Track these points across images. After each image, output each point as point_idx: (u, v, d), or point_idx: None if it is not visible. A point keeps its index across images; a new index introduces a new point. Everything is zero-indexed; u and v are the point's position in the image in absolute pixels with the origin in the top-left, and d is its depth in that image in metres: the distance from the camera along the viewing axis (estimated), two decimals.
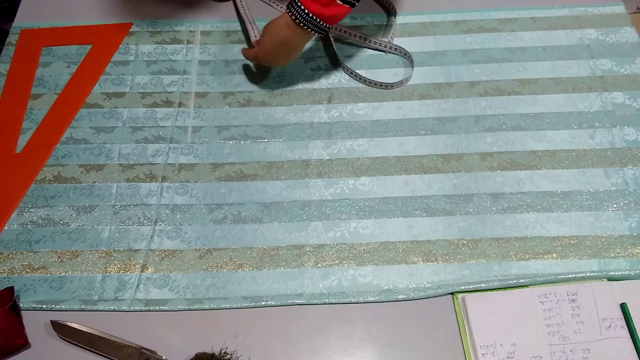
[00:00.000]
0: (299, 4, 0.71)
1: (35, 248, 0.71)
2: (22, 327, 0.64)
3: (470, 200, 0.74)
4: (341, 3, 0.71)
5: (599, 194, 0.74)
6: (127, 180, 0.76)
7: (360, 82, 0.85)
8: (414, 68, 0.86)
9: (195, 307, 0.66)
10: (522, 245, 0.70)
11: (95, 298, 0.67)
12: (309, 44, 0.89)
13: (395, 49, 0.87)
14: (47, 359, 0.63)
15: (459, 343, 0.64)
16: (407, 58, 0.87)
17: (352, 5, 0.73)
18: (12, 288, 0.66)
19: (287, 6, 0.74)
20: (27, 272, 0.69)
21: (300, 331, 0.65)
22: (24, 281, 0.68)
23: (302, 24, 0.73)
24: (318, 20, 0.72)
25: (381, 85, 0.84)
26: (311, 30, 0.74)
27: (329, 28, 0.74)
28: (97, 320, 0.65)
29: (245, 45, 0.90)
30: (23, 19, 0.93)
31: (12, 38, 0.90)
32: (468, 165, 0.76)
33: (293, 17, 0.73)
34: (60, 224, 0.73)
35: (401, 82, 0.84)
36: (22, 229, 0.72)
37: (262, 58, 0.80)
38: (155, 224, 0.72)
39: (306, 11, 0.71)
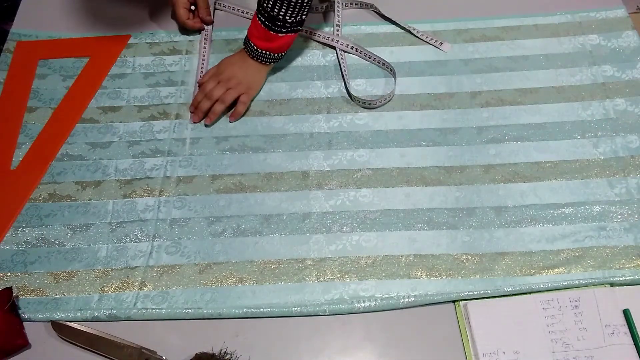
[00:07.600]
0: (250, 42, 0.79)
1: (30, 269, 0.69)
2: (22, 327, 0.64)
3: (473, 213, 0.72)
4: (284, 34, 0.77)
5: (602, 204, 0.73)
6: (124, 196, 0.75)
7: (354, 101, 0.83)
8: (417, 77, 0.85)
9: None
10: (527, 260, 0.69)
11: (90, 319, 0.66)
12: (308, 53, 0.88)
13: (381, 63, 0.86)
14: (47, 359, 0.63)
15: (460, 350, 0.63)
16: (390, 71, 0.85)
17: (296, 31, 0.79)
18: (10, 288, 0.65)
19: (244, 43, 0.81)
20: (22, 294, 0.67)
21: (300, 331, 0.65)
22: (18, 304, 0.66)
23: (256, 59, 0.80)
24: (268, 52, 0.79)
25: (363, 102, 0.82)
26: (267, 62, 0.81)
27: (282, 56, 0.82)
28: None
29: None
30: (19, 29, 0.91)
31: (10, 45, 0.89)
32: (471, 178, 0.75)
33: (248, 54, 0.81)
34: (56, 243, 0.71)
35: (383, 99, 0.82)
36: (17, 249, 0.71)
37: (248, 97, 0.82)
38: (153, 240, 0.71)
39: (256, 47, 0.79)
